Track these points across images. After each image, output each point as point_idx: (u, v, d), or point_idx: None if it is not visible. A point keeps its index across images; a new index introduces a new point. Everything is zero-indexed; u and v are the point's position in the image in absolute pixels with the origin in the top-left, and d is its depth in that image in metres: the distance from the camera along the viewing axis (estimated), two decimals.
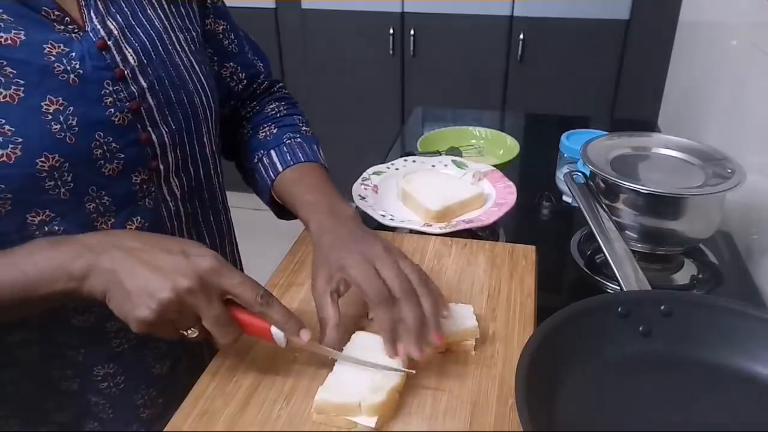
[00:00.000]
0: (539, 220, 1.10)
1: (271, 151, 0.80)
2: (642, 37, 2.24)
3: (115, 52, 0.62)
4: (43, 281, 0.54)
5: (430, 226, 0.86)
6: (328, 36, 2.52)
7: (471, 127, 1.29)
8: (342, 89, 2.61)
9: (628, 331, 0.61)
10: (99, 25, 0.62)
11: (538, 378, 0.52)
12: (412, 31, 2.42)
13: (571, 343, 0.58)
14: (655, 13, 2.15)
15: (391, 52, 2.47)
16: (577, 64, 2.34)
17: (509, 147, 1.21)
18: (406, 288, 0.58)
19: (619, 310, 0.61)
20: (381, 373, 0.57)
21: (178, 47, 0.70)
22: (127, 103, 0.63)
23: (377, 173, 1.00)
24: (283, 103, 0.89)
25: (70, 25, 0.60)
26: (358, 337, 0.62)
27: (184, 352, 0.77)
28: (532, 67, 2.38)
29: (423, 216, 0.89)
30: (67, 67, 0.59)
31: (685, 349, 0.61)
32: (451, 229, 0.85)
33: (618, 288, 0.74)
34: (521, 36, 2.31)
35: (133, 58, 0.64)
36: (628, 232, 0.85)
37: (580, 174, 0.91)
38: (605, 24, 2.25)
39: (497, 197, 0.93)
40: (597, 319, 0.61)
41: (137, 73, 0.64)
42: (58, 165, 0.58)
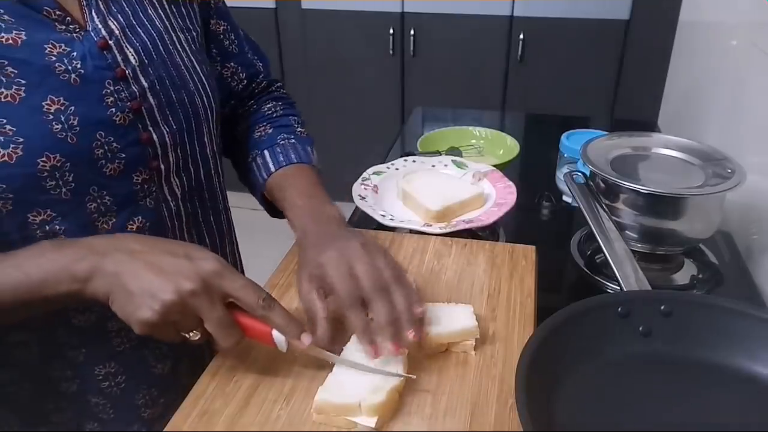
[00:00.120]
0: (539, 220, 1.10)
1: (265, 151, 0.81)
2: (642, 37, 2.24)
3: (116, 52, 0.62)
4: (47, 283, 0.54)
5: (430, 226, 0.86)
6: (328, 36, 2.52)
7: (471, 127, 1.29)
8: (342, 89, 2.61)
9: (628, 331, 0.61)
10: (100, 25, 0.62)
11: (538, 378, 0.52)
12: (412, 31, 2.42)
13: (571, 343, 0.58)
14: (655, 13, 2.15)
15: (391, 52, 2.47)
16: (577, 64, 2.34)
17: (509, 147, 1.21)
18: (378, 286, 0.59)
19: (619, 310, 0.62)
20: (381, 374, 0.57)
21: (179, 47, 0.70)
22: (128, 102, 0.63)
23: (377, 173, 1.00)
24: (280, 103, 0.89)
25: (71, 25, 0.60)
26: None
27: (186, 352, 0.77)
28: (532, 67, 2.38)
29: (423, 216, 0.89)
30: (69, 67, 0.59)
31: (685, 349, 0.61)
32: (451, 229, 0.85)
33: (618, 288, 0.74)
34: (521, 36, 2.31)
35: (134, 58, 0.64)
36: (628, 232, 0.85)
37: (580, 174, 0.91)
38: (605, 24, 2.25)
39: (497, 197, 0.93)
40: (597, 319, 0.61)
41: (138, 72, 0.64)
42: (59, 165, 0.58)
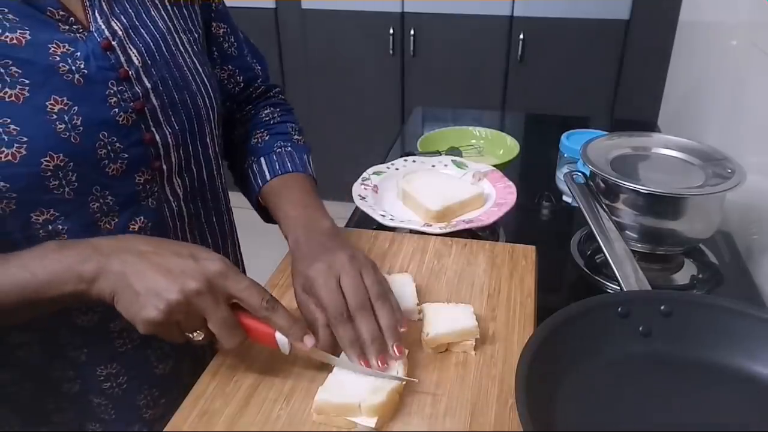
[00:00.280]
0: (539, 220, 1.10)
1: (261, 159, 0.81)
2: (642, 37, 2.24)
3: (119, 53, 0.63)
4: (53, 283, 0.54)
5: (430, 226, 0.86)
6: (328, 36, 2.52)
7: (471, 127, 1.29)
8: (342, 89, 2.61)
9: (627, 331, 0.61)
10: (103, 26, 0.62)
11: (538, 378, 0.52)
12: (412, 31, 2.42)
13: (571, 343, 0.59)
14: (655, 13, 2.15)
15: (391, 52, 2.47)
16: (577, 64, 2.34)
17: (509, 147, 1.22)
18: (362, 303, 0.60)
19: (619, 310, 0.62)
20: None
21: (182, 48, 0.70)
22: (132, 103, 0.63)
23: (377, 173, 1.00)
24: (277, 110, 0.89)
25: (74, 26, 0.60)
26: None
27: (188, 352, 0.77)
28: (532, 67, 2.38)
29: (423, 216, 0.89)
30: (72, 67, 0.59)
31: (685, 349, 0.61)
32: (451, 229, 0.85)
33: (618, 288, 0.74)
34: (521, 36, 2.32)
35: (137, 59, 0.64)
36: (628, 232, 0.85)
37: (580, 174, 0.91)
38: (605, 24, 2.25)
39: (497, 197, 0.93)
40: (597, 319, 0.61)
41: (141, 73, 0.64)
42: (62, 164, 0.59)
